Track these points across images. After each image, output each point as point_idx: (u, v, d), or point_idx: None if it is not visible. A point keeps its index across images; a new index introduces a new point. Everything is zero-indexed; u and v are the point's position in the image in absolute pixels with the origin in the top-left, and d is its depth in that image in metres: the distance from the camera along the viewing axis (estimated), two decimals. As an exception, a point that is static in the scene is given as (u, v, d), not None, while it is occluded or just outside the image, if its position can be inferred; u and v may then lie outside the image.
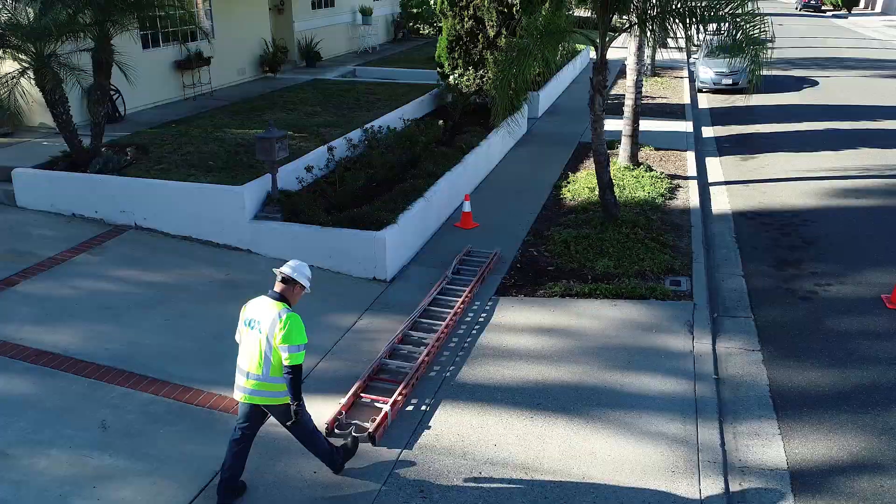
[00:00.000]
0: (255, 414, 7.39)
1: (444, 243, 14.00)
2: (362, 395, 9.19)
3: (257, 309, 7.23)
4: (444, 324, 10.81)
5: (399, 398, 9.07)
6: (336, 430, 8.47)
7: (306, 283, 7.40)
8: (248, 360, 7.17)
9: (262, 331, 7.07)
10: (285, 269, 7.33)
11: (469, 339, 10.64)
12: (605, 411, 9.01)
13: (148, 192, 13.47)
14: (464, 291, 11.86)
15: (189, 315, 10.91)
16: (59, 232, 13.30)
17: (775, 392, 9.73)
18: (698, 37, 14.06)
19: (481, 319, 11.23)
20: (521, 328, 10.96)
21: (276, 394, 7.19)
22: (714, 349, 10.49)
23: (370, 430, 8.41)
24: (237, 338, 7.43)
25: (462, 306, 11.43)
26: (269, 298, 7.24)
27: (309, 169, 14.49)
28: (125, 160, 14.93)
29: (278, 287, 7.32)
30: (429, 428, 8.71)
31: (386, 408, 8.76)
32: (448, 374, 9.79)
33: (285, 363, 7.04)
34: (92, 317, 10.64)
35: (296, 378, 7.08)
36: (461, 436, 8.56)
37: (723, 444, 8.52)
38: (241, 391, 7.26)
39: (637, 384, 9.53)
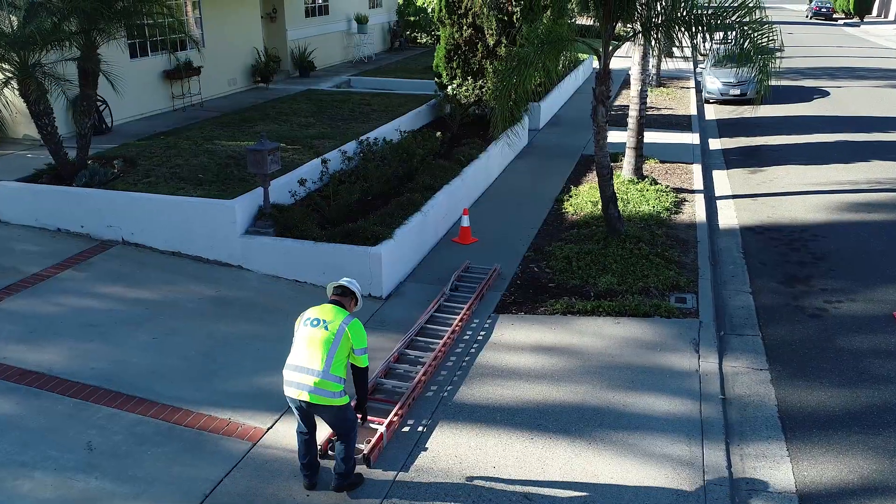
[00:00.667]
0: (312, 418, 7.86)
1: (442, 259, 14.06)
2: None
3: (322, 312, 7.71)
4: (441, 342, 10.87)
5: (395, 419, 9.12)
6: (329, 452, 8.52)
7: (360, 298, 8.08)
8: (310, 357, 7.51)
9: (328, 328, 7.54)
10: (343, 281, 7.97)
11: (467, 358, 10.70)
12: (608, 432, 9.06)
13: (135, 207, 13.55)
14: (462, 308, 11.93)
15: (178, 333, 10.97)
16: (44, 247, 13.38)
17: (784, 412, 9.79)
18: (705, 46, 14.11)
19: (480, 337, 11.29)
20: (521, 346, 11.01)
21: (334, 394, 7.53)
22: (720, 368, 10.54)
23: (365, 452, 8.46)
24: (296, 337, 7.77)
25: (460, 324, 11.49)
26: (333, 305, 7.80)
27: (302, 182, 14.57)
28: (112, 173, 15.02)
29: (335, 298, 7.91)
30: (425, 449, 8.75)
31: (381, 429, 8.81)
32: (446, 393, 9.84)
33: (357, 364, 7.84)
34: (77, 335, 10.70)
35: (365, 379, 8.04)
36: (459, 458, 8.60)
37: (729, 466, 8.57)
38: (301, 388, 7.53)
39: (641, 404, 9.59)
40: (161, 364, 10.16)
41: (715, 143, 24.35)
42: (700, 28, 13.35)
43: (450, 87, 21.57)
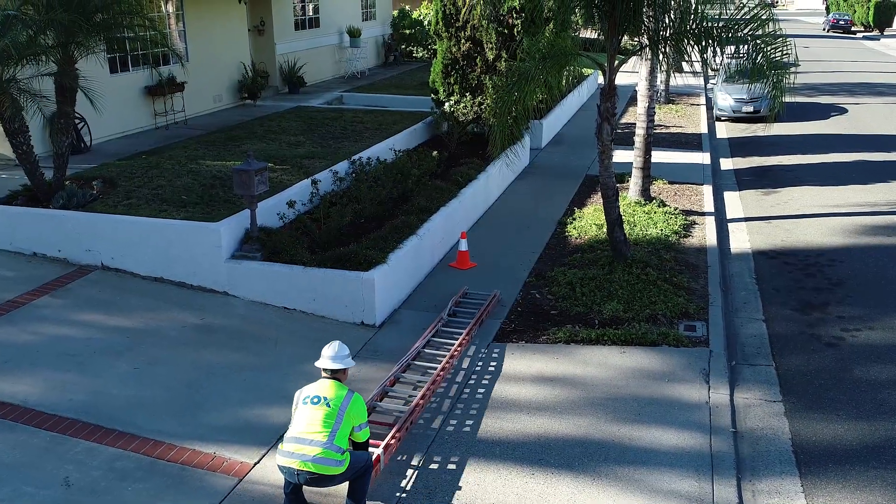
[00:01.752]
0: (301, 495, 8.09)
1: (439, 285, 14.16)
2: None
3: (321, 389, 8.09)
4: (439, 367, 10.95)
5: (392, 441, 9.21)
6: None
7: (351, 364, 8.42)
8: (312, 430, 7.82)
9: (331, 405, 7.91)
10: (330, 365, 8.22)
11: (465, 390, 10.78)
12: (613, 467, 9.14)
13: (116, 230, 13.67)
14: (461, 334, 12.02)
15: (160, 363, 11.06)
16: (19, 272, 13.48)
17: (798, 446, 9.87)
18: (716, 60, 14.21)
19: (478, 368, 11.38)
20: (522, 377, 11.10)
21: (337, 462, 7.80)
22: (732, 400, 10.63)
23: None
24: (295, 415, 8.13)
25: (459, 349, 11.58)
26: (330, 380, 8.18)
27: (291, 204, 14.68)
28: (91, 195, 15.11)
29: (330, 374, 8.25)
30: (420, 485, 8.81)
31: (378, 451, 8.89)
32: (442, 426, 9.91)
33: (357, 440, 8.20)
34: (54, 364, 10.78)
35: (364, 451, 8.33)
36: (456, 494, 8.66)
37: (741, 502, 8.64)
38: (304, 459, 7.74)
39: (648, 438, 9.67)
40: (142, 395, 10.24)
41: (726, 163, 24.53)
42: (710, 42, 13.43)
43: (447, 104, 21.72)
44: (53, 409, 9.76)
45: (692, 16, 13.63)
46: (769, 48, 13.12)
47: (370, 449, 8.85)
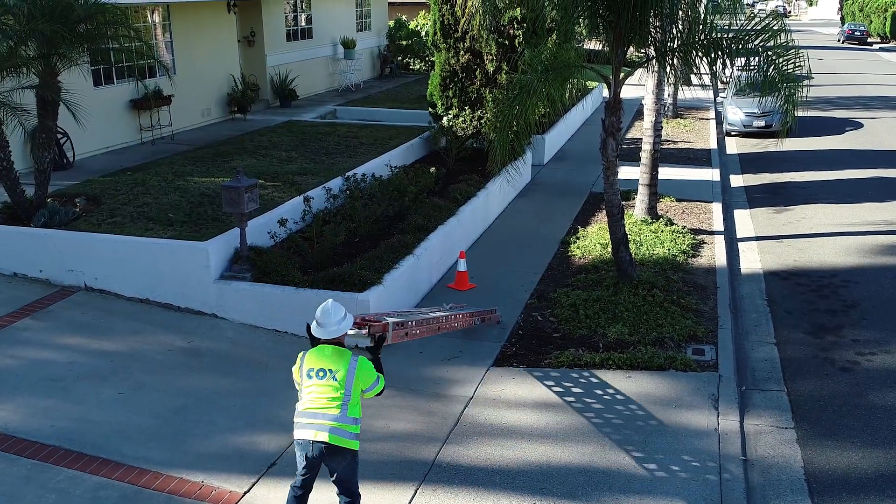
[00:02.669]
0: (316, 465, 8.04)
1: (436, 305, 14.21)
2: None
3: (324, 358, 7.96)
4: (448, 314, 11.71)
5: (407, 323, 10.07)
6: None
7: (349, 327, 8.29)
8: (324, 405, 7.85)
9: (337, 378, 7.84)
10: (325, 336, 8.03)
11: (463, 415, 10.84)
12: (619, 497, 9.19)
13: (99, 249, 13.75)
14: (464, 312, 12.50)
15: (146, 388, 11.12)
16: (-2, 294, 13.55)
17: (811, 475, 9.93)
18: (726, 73, 14.30)
19: (477, 392, 11.44)
20: (523, 403, 11.16)
21: (351, 435, 7.90)
22: (742, 427, 10.70)
23: (370, 332, 9.07)
24: (297, 384, 8.15)
25: (462, 317, 12.21)
26: (330, 346, 8.04)
27: (282, 222, 14.76)
28: (74, 212, 15.19)
29: (329, 339, 8.09)
30: (418, 516, 8.87)
31: (390, 320, 9.39)
32: (439, 454, 9.97)
33: (369, 397, 8.26)
34: (36, 390, 10.85)
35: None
36: (454, 524, 8.72)
37: (751, 533, 8.70)
38: (319, 429, 7.81)
39: (654, 466, 9.72)
40: (128, 422, 10.29)
41: (737, 180, 24.65)
42: (720, 53, 13.51)
43: (445, 118, 21.83)
44: (35, 436, 9.81)
45: (701, 26, 13.72)
46: (781, 60, 13.19)
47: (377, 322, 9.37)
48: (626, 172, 20.29)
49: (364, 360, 8.02)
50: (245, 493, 9.12)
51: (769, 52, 13.24)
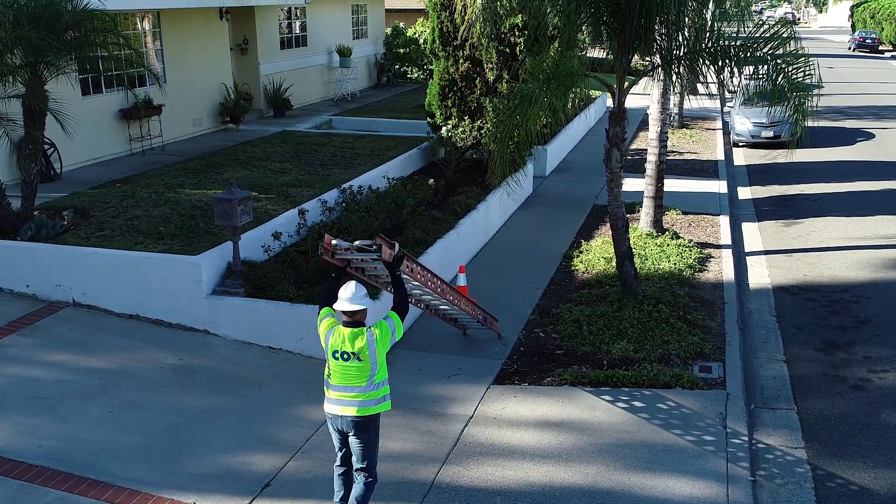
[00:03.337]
0: (347, 436, 8.81)
1: (436, 323, 14.23)
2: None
3: (345, 341, 8.56)
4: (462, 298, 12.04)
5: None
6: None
7: (370, 304, 8.95)
8: (351, 382, 8.60)
9: (361, 358, 8.53)
10: (348, 307, 8.57)
11: (463, 434, 10.87)
12: (623, 518, 9.21)
13: (88, 264, 13.79)
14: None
15: (136, 406, 11.15)
16: (-16, 309, 13.58)
17: (822, 496, 9.96)
18: (733, 82, 14.36)
19: (478, 411, 11.47)
20: (525, 422, 11.20)
21: (378, 400, 8.70)
22: (751, 446, 10.74)
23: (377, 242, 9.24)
24: (322, 341, 8.81)
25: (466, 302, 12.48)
26: (349, 328, 8.58)
27: (277, 236, 14.81)
28: (61, 226, 15.23)
29: (349, 319, 8.63)
30: (417, 538, 8.89)
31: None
32: (438, 474, 9.99)
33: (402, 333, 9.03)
34: (23, 408, 10.89)
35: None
36: (454, 547, 8.74)
37: (760, 556, 8.72)
38: (347, 405, 8.62)
39: (660, 487, 9.76)
40: (117, 441, 10.33)
41: (745, 192, 24.73)
42: (728, 61, 13.55)
43: (444, 129, 21.90)
44: (22, 456, 9.85)
45: (708, 34, 13.79)
46: (790, 68, 13.22)
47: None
48: (630, 184, 20.36)
49: (381, 326, 8.67)
50: (238, 514, 9.15)
51: (778, 61, 13.27)
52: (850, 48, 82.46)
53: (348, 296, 8.59)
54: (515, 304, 15.13)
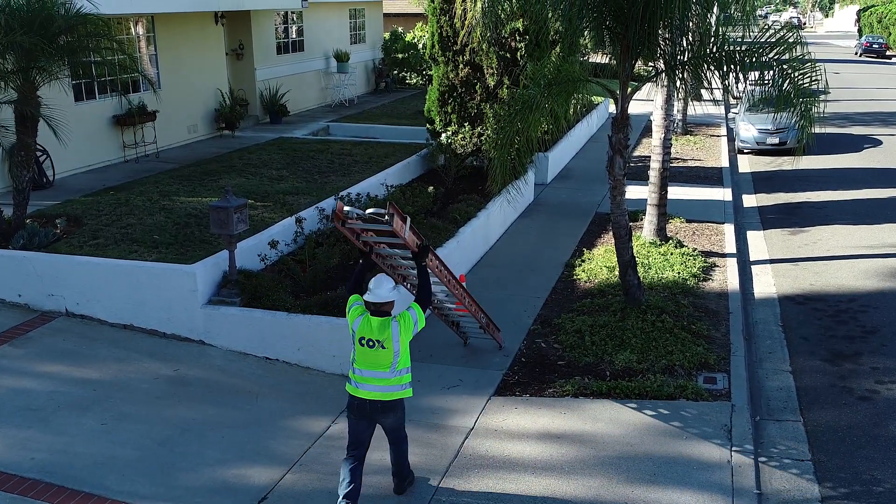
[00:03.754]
0: (369, 430, 9.43)
1: (436, 334, 14.24)
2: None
3: (371, 328, 9.16)
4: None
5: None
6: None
7: (397, 296, 9.56)
8: (376, 367, 9.19)
9: (385, 345, 9.14)
10: (375, 299, 9.20)
11: (464, 446, 10.88)
12: (627, 532, 9.22)
13: (81, 273, 13.81)
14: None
15: (130, 418, 11.17)
16: (-25, 319, 13.59)
17: (829, 510, 9.97)
18: (738, 87, 14.34)
19: (478, 423, 11.48)
20: (526, 433, 11.21)
21: (402, 387, 9.33)
22: (756, 459, 10.75)
23: (391, 212, 9.50)
24: (350, 328, 9.36)
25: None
26: (378, 318, 9.19)
27: (273, 244, 14.83)
28: (54, 234, 15.25)
29: (375, 308, 9.24)
30: (416, 552, 8.91)
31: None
32: (438, 487, 10.00)
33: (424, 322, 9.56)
34: (14, 420, 10.90)
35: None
36: (455, 562, 8.75)
37: (766, 571, 8.73)
38: (372, 389, 9.22)
39: (665, 501, 9.77)
40: (111, 454, 10.34)
41: (750, 200, 24.77)
42: (733, 67, 13.53)
43: (444, 135, 21.92)
44: (14, 469, 9.86)
45: (713, 38, 13.80)
46: (797, 74, 13.21)
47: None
48: (633, 192, 20.41)
49: (403, 317, 9.24)
50: (235, 528, 9.17)
51: (784, 66, 13.27)
52: (856, 53, 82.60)
53: (377, 288, 9.20)
54: (516, 314, 15.15)
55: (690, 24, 14.09)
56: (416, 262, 10.03)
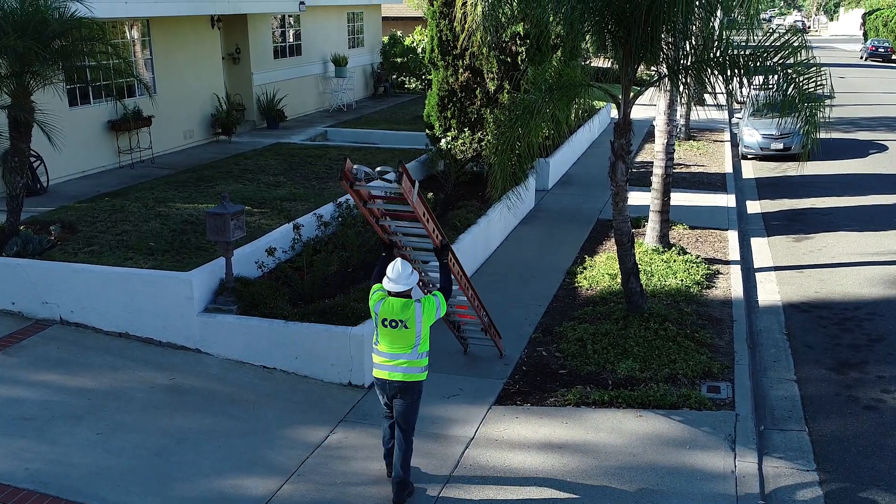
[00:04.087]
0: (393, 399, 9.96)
1: (435, 342, 14.12)
2: None
3: (394, 310, 9.60)
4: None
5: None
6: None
7: (416, 282, 9.89)
8: (397, 348, 9.68)
9: (408, 325, 9.59)
10: (395, 288, 9.63)
11: (464, 457, 10.89)
12: (629, 544, 9.23)
13: (76, 280, 13.83)
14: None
15: (125, 428, 11.18)
16: (-32, 327, 13.60)
17: (834, 521, 9.98)
18: (742, 92, 14.36)
19: (479, 432, 11.49)
20: (527, 443, 11.22)
21: (421, 369, 9.84)
22: (760, 469, 10.75)
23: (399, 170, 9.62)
24: (372, 311, 9.83)
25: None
26: (399, 299, 9.65)
27: (271, 251, 14.84)
28: (48, 241, 15.28)
29: (398, 292, 9.67)
30: (416, 564, 8.91)
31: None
32: (438, 497, 10.01)
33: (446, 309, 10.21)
34: (8, 430, 10.91)
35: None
36: (455, 573, 8.76)
37: (771, 582, 8.74)
38: (393, 370, 9.72)
39: (667, 511, 9.77)
40: (106, 464, 10.34)
41: (754, 206, 24.78)
42: (736, 71, 13.55)
43: (443, 141, 21.96)
44: (7, 479, 9.86)
45: (716, 42, 13.82)
46: (802, 78, 13.22)
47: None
48: (636, 198, 20.40)
49: (426, 301, 9.70)
50: (231, 539, 9.17)
51: (789, 70, 13.27)
52: (862, 57, 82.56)
53: (394, 276, 9.63)
54: (517, 322, 15.17)
55: (694, 27, 14.12)
56: (438, 259, 10.69)
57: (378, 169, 9.75)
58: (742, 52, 13.58)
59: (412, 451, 10.02)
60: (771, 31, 14.00)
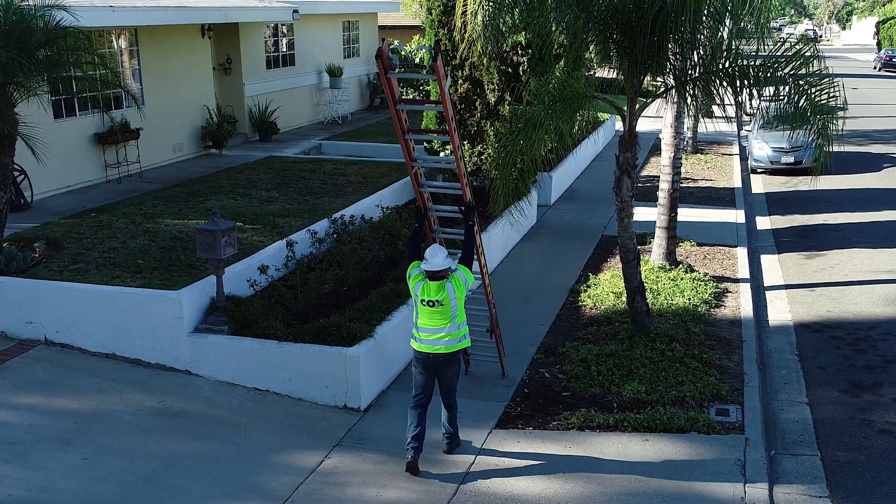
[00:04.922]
0: (432, 382, 11.26)
1: (433, 362, 14.29)
2: None
3: (431, 290, 10.96)
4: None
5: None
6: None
7: (452, 264, 11.19)
8: (437, 324, 11.02)
9: (444, 303, 10.92)
10: (433, 268, 10.94)
11: (463, 483, 10.90)
12: (635, 573, 9.23)
13: (61, 299, 13.84)
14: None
15: (113, 452, 11.18)
16: (-51, 348, 13.60)
17: (848, 549, 9.98)
18: (751, 104, 14.39)
19: (479, 458, 11.50)
20: (529, 469, 11.22)
21: (461, 338, 11.24)
22: (771, 495, 10.76)
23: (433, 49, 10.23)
24: (411, 291, 11.22)
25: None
26: (434, 283, 10.95)
27: (263, 269, 14.85)
28: (32, 258, 15.27)
29: (434, 274, 10.96)
30: None
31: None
32: (438, 526, 10.02)
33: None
34: (-10, 455, 10.89)
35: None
36: None
37: None
38: (435, 344, 11.04)
39: (675, 539, 9.78)
40: (93, 490, 10.34)
41: (763, 222, 24.84)
42: (746, 82, 13.58)
43: (442, 154, 21.98)
44: (-10, 506, 9.88)
45: (725, 53, 13.85)
46: (814, 90, 13.24)
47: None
48: (641, 214, 20.41)
49: (455, 278, 11.03)
50: (223, 569, 9.17)
51: (800, 81, 13.29)
52: (875, 67, 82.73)
53: (432, 258, 10.95)
54: (519, 342, 15.16)
55: (702, 37, 14.15)
56: (465, 220, 11.91)
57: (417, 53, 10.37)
58: (752, 63, 13.60)
59: (456, 420, 11.57)
60: (781, 40, 14.04)
